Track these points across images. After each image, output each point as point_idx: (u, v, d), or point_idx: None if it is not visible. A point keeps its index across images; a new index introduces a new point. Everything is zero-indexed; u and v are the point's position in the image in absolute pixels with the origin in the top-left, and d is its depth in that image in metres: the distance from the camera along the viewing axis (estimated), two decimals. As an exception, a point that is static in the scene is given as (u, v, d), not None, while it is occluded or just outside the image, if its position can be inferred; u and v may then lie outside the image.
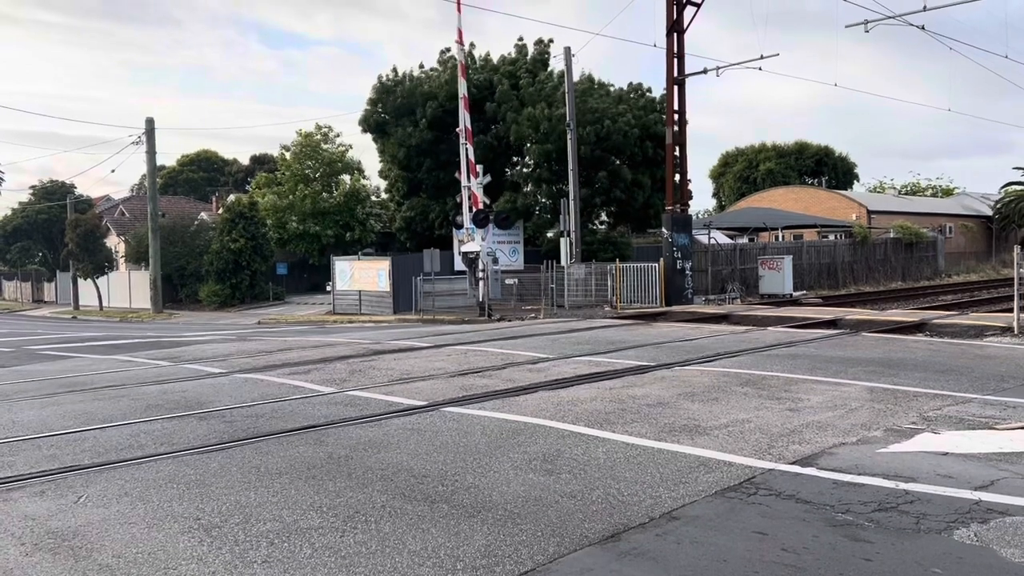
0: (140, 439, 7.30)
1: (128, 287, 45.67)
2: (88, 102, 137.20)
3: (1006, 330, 14.25)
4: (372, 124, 35.02)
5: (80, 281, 46.46)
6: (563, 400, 8.55)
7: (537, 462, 6.08)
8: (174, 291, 42.08)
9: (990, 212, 54.68)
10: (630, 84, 34.10)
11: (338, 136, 44.03)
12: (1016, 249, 15.18)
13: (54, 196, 57.56)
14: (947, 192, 68.26)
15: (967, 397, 8.22)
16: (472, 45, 35.01)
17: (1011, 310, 15.38)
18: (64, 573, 4.23)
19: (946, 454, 6.05)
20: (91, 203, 57.59)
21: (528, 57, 34.71)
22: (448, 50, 35.08)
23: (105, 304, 44.78)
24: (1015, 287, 14.54)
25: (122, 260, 47.91)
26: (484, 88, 32.61)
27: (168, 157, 77.47)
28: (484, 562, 4.19)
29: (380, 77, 34.89)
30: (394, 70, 34.95)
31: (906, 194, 65.07)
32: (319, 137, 43.25)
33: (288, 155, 43.07)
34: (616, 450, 6.38)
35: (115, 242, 49.76)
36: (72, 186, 59.88)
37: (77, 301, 47.74)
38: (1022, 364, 10.49)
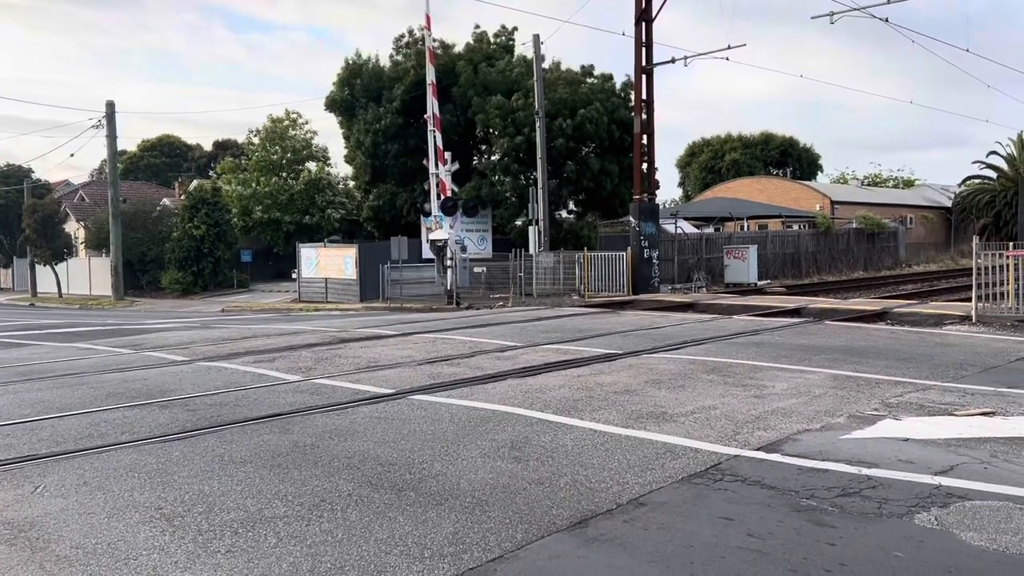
0: (100, 428, 7.15)
1: (88, 274, 44.77)
2: (49, 85, 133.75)
3: (964, 319, 14.54)
4: (339, 105, 34.61)
5: (38, 267, 45.42)
6: (531, 388, 8.55)
7: (505, 449, 6.07)
8: (136, 278, 41.34)
9: (949, 204, 55.74)
10: (587, 69, 33.88)
11: (306, 123, 43.61)
12: (975, 240, 15.48)
13: (11, 180, 56.00)
14: (908, 184, 69.42)
15: (927, 384, 8.36)
16: (442, 37, 34.76)
17: (969, 299, 15.70)
18: (21, 565, 4.12)
19: (907, 440, 6.15)
20: (49, 188, 56.20)
21: (493, 44, 34.53)
22: (403, 36, 34.78)
23: (64, 291, 43.88)
24: (973, 277, 14.84)
25: (82, 246, 46.93)
26: (451, 74, 32.40)
27: (131, 142, 76.07)
28: (452, 549, 4.17)
29: (347, 60, 34.56)
30: (357, 54, 34.60)
31: (868, 185, 66.05)
32: (288, 123, 42.73)
33: (256, 140, 42.51)
34: (584, 437, 6.39)
35: (75, 228, 48.70)
36: (30, 170, 58.36)
37: (35, 288, 46.69)
38: (980, 352, 10.72)
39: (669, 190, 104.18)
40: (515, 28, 34.95)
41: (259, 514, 4.76)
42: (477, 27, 35.26)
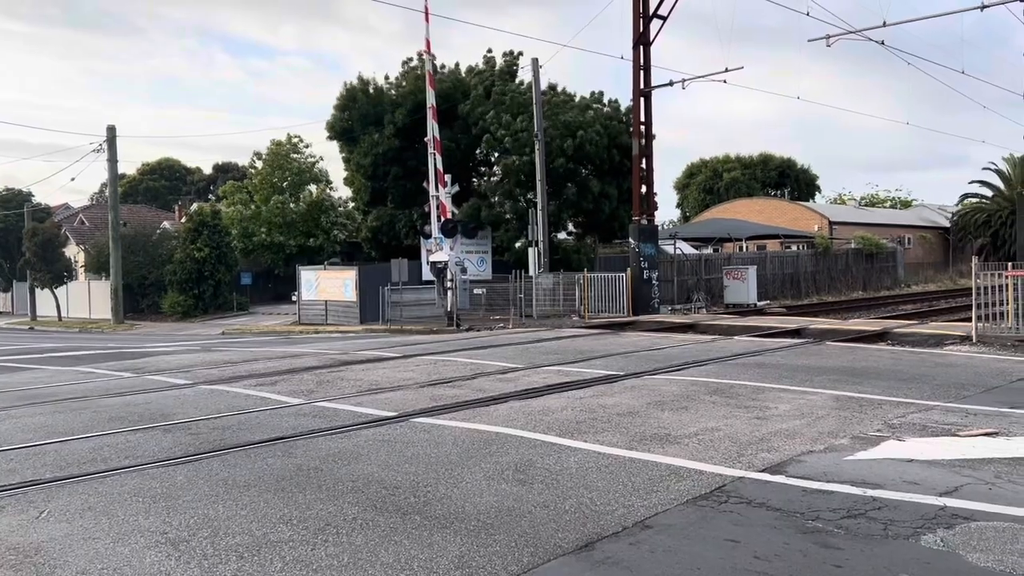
0: (103, 452, 7.15)
1: (88, 297, 44.77)
2: (51, 110, 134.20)
3: (965, 339, 14.56)
4: (339, 130, 34.82)
5: (38, 291, 45.47)
6: (534, 410, 8.55)
7: (509, 472, 6.07)
8: (135, 301, 41.34)
9: (947, 223, 55.90)
10: (592, 93, 34.15)
11: (308, 147, 43.87)
12: (974, 260, 15.53)
13: (11, 204, 56.19)
14: (905, 204, 69.70)
15: (929, 404, 8.37)
16: (438, 62, 35.04)
17: (969, 319, 15.73)
18: (26, 591, 4.12)
19: (911, 461, 6.16)
20: (49, 211, 56.41)
21: (497, 68, 34.78)
22: (411, 59, 35.07)
23: (64, 315, 43.85)
24: (973, 297, 14.87)
25: (82, 270, 46.97)
26: (451, 99, 32.61)
27: (131, 165, 76.45)
28: (458, 573, 4.16)
29: (346, 84, 34.78)
30: (360, 78, 34.87)
31: (866, 205, 66.32)
32: (289, 147, 43.02)
33: (260, 163, 42.80)
34: (588, 459, 6.39)
35: (74, 251, 48.78)
36: (29, 194, 58.59)
37: (35, 312, 46.69)
38: (981, 372, 10.73)
39: (667, 211, 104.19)
40: (520, 52, 35.16)
41: (264, 538, 4.76)
42: (490, 51, 35.56)
